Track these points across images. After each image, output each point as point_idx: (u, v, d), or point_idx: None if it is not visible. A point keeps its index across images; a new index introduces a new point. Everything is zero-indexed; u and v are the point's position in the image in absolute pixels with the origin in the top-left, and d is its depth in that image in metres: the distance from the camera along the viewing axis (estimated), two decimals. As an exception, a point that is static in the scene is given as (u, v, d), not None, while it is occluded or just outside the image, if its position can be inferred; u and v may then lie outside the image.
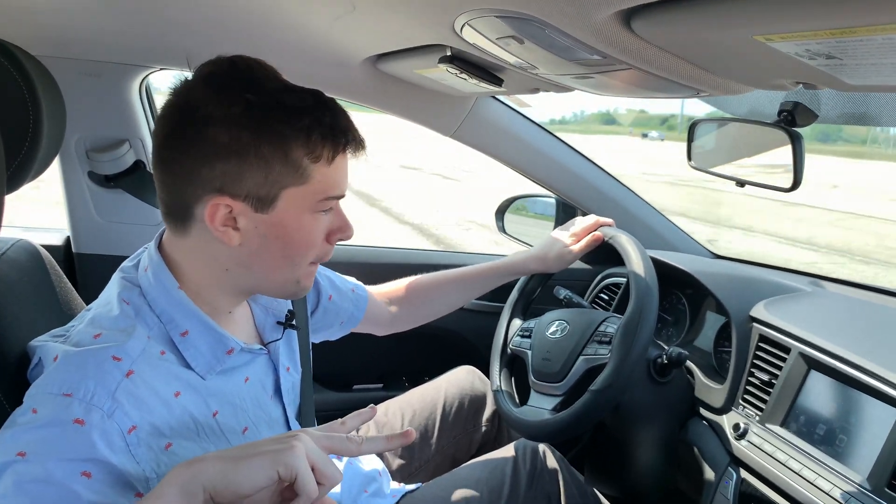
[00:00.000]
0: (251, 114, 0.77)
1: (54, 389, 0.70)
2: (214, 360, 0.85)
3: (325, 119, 0.81)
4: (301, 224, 0.84)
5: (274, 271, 0.86)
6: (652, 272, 1.24)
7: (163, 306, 0.82)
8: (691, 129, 1.36)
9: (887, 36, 0.52)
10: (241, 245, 0.82)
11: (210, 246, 0.83)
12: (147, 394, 0.75)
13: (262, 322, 0.99)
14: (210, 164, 0.77)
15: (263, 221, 0.81)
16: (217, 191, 0.78)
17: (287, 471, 0.63)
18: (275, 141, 0.78)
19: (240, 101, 0.77)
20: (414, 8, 0.94)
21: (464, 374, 1.54)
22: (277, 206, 0.81)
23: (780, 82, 0.81)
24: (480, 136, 1.77)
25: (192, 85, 0.80)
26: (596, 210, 1.85)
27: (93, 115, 1.63)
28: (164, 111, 0.81)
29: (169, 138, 0.80)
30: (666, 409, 1.36)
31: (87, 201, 1.70)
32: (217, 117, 0.76)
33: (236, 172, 0.78)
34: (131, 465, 0.70)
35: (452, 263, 1.99)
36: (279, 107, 0.78)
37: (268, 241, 0.83)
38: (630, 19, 0.69)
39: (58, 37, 1.45)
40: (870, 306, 1.38)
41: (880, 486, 0.95)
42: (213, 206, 0.79)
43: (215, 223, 0.80)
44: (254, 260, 0.84)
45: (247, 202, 0.80)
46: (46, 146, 0.92)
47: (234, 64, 0.81)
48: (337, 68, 1.51)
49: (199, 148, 0.77)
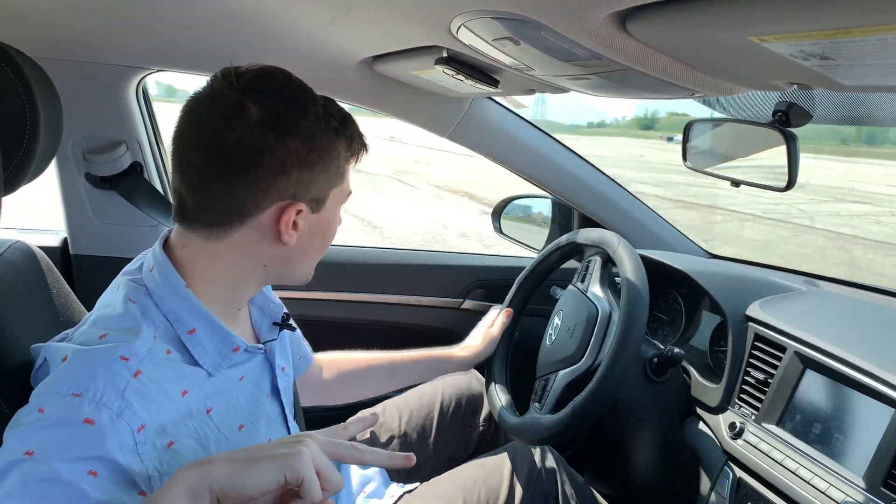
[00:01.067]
0: (319, 125, 0.82)
1: (63, 389, 0.70)
2: (221, 357, 0.85)
3: (356, 126, 0.89)
4: (335, 218, 0.93)
5: (308, 262, 0.93)
6: (643, 277, 1.24)
7: (170, 304, 0.82)
8: (686, 130, 1.36)
9: (881, 36, 0.52)
10: (296, 244, 0.86)
11: (254, 246, 0.85)
12: (155, 392, 0.75)
13: (258, 323, 1.00)
14: (287, 174, 0.81)
15: (315, 220, 0.88)
16: (290, 197, 0.83)
17: (294, 475, 0.64)
18: (332, 150, 0.85)
19: (310, 114, 0.82)
20: (409, 9, 0.94)
21: (461, 375, 1.55)
22: (326, 206, 0.88)
23: (774, 83, 0.81)
24: (477, 137, 1.77)
25: (256, 97, 0.79)
26: (591, 209, 1.85)
27: (90, 117, 1.64)
28: (219, 121, 0.79)
29: (230, 151, 0.78)
30: (662, 409, 1.36)
31: (84, 203, 1.70)
32: (295, 129, 0.80)
33: (308, 180, 0.83)
34: (136, 463, 0.70)
35: (441, 264, 2.01)
36: (332, 117, 0.85)
37: (314, 237, 0.89)
38: (625, 21, 0.69)
39: (55, 39, 1.45)
40: (865, 305, 1.38)
41: (876, 485, 0.96)
42: (285, 212, 0.83)
43: (286, 228, 0.83)
44: (298, 255, 0.89)
45: (309, 205, 0.85)
46: (43, 148, 0.92)
47: (288, 76, 0.84)
48: (333, 70, 1.51)
49: (277, 159, 0.80)
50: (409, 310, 1.95)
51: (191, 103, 0.82)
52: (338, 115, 0.86)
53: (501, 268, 2.03)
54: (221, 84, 0.80)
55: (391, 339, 1.47)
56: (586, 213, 1.87)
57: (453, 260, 2.08)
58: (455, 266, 2.01)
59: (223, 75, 0.81)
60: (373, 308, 1.93)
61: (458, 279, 1.98)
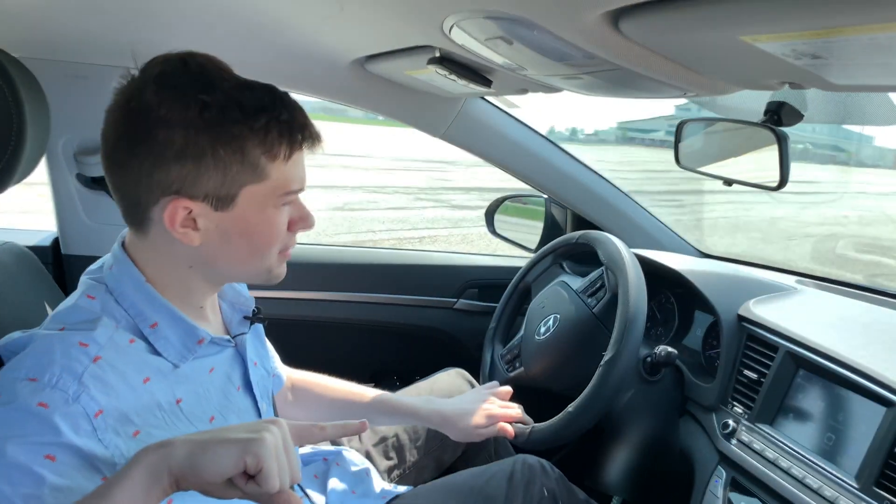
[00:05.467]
0: (207, 116, 0.76)
1: (20, 375, 0.70)
2: (186, 349, 0.84)
3: (282, 117, 0.80)
4: (263, 219, 0.83)
5: (241, 265, 0.87)
6: (642, 286, 1.25)
7: (131, 300, 0.82)
8: (679, 130, 1.37)
9: (872, 36, 0.53)
10: (203, 244, 0.81)
11: (170, 246, 0.82)
12: (115, 379, 0.74)
13: (229, 317, 0.99)
14: (165, 168, 0.76)
15: (224, 219, 0.81)
16: (174, 193, 0.77)
17: (254, 462, 0.63)
18: (232, 142, 0.77)
19: (195, 103, 0.75)
20: (402, 9, 0.94)
21: (452, 377, 1.54)
22: (238, 204, 0.80)
23: (766, 82, 0.81)
24: (470, 137, 1.77)
25: (142, 85, 0.77)
26: (584, 208, 1.85)
27: (80, 118, 1.62)
28: (112, 113, 0.79)
29: (121, 140, 0.78)
30: (656, 408, 1.36)
31: (76, 203, 1.69)
32: (171, 120, 0.75)
33: (193, 175, 0.77)
34: (99, 449, 0.70)
35: (435, 264, 2.01)
36: (236, 107, 0.77)
37: (231, 237, 0.82)
38: (618, 20, 0.69)
39: (44, 39, 1.44)
40: (857, 305, 1.39)
41: (868, 485, 0.96)
42: (172, 209, 0.78)
43: (174, 225, 0.79)
44: (218, 257, 0.84)
45: (206, 202, 0.79)
46: (31, 149, 0.92)
47: (185, 63, 0.78)
48: (325, 69, 1.51)
49: (153, 151, 0.76)
50: (403, 309, 1.95)
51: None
52: (248, 105, 0.77)
53: (495, 268, 2.03)
54: (126, 78, 0.80)
55: (383, 337, 1.46)
56: (579, 212, 1.87)
57: (447, 260, 2.09)
58: (449, 266, 2.02)
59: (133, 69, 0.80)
60: (368, 308, 1.93)
61: (451, 279, 1.98)
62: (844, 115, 1.33)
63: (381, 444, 1.40)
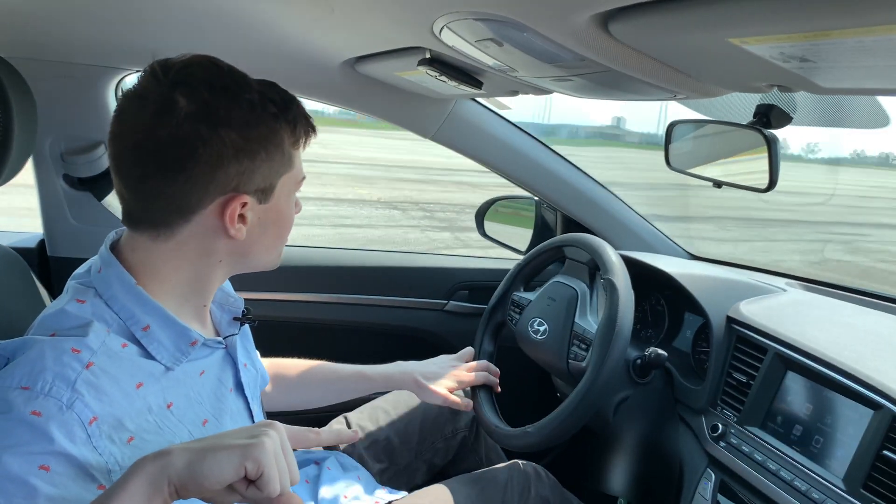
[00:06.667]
0: (255, 113, 0.80)
1: (12, 383, 0.69)
2: (178, 352, 0.83)
3: (300, 109, 0.86)
4: (288, 205, 0.90)
5: (268, 253, 0.91)
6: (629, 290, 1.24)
7: (122, 303, 0.81)
8: (669, 131, 1.37)
9: (859, 39, 0.53)
10: (246, 237, 0.84)
11: (204, 243, 0.83)
12: (108, 385, 0.73)
13: (218, 319, 0.98)
14: (225, 167, 0.78)
15: (265, 211, 0.86)
16: (232, 190, 0.80)
17: (255, 467, 0.63)
18: (274, 136, 0.82)
19: (243, 102, 0.79)
20: (392, 10, 0.94)
21: None
22: (275, 195, 0.86)
23: (755, 85, 0.81)
24: (460, 138, 1.77)
25: (185, 89, 0.76)
26: (574, 210, 1.86)
27: (68, 118, 1.61)
28: (149, 118, 0.76)
29: (172, 147, 0.76)
30: (646, 410, 1.36)
31: (62, 204, 1.68)
32: (227, 119, 0.78)
33: (250, 171, 0.81)
34: (93, 456, 0.69)
35: (425, 266, 2.01)
36: (269, 102, 0.81)
37: (267, 227, 0.87)
38: (608, 22, 0.69)
39: (32, 39, 1.43)
40: (846, 307, 1.39)
41: (855, 487, 0.96)
42: (229, 206, 0.80)
43: (232, 222, 0.81)
44: (253, 247, 0.87)
45: (255, 196, 0.83)
46: (17, 149, 0.91)
47: (216, 64, 0.81)
48: (316, 71, 1.51)
49: (214, 152, 0.77)
50: (393, 311, 1.95)
51: (122, 103, 0.80)
52: (278, 99, 0.83)
53: (485, 270, 2.03)
54: (149, 80, 0.78)
55: (375, 340, 1.46)
56: (569, 214, 1.87)
57: (437, 262, 2.09)
58: (439, 268, 2.01)
59: (150, 70, 0.79)
60: (357, 310, 1.92)
61: (441, 281, 1.98)
62: (833, 117, 1.33)
63: (373, 446, 1.40)
